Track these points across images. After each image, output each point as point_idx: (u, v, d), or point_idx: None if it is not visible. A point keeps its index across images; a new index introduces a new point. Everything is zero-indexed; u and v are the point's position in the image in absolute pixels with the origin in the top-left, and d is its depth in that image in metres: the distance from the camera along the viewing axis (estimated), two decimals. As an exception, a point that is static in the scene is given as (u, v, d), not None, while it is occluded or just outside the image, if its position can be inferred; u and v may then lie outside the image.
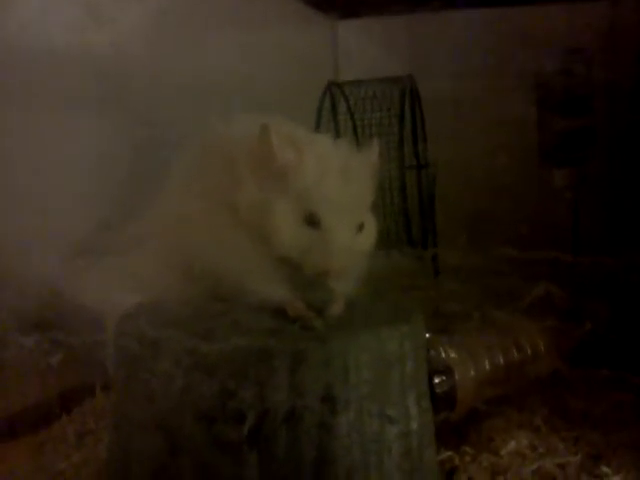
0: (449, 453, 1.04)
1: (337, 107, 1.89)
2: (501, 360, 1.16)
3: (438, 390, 1.08)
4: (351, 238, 0.83)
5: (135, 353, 0.75)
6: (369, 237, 0.89)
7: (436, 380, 1.08)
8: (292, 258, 0.81)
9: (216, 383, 0.71)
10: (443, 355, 1.11)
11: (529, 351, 1.20)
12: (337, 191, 0.82)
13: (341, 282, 0.83)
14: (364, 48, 2.23)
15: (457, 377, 1.10)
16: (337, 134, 1.87)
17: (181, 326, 0.75)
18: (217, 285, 0.82)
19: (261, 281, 0.82)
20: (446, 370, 1.10)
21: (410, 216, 1.74)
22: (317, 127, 1.83)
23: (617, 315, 1.27)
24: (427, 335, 1.11)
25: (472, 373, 1.12)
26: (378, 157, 0.93)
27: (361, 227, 0.86)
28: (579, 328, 1.24)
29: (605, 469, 0.98)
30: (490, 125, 2.04)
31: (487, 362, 1.14)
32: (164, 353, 0.73)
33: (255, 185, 0.82)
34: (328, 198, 0.81)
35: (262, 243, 0.81)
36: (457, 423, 1.10)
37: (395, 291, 1.05)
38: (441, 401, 1.08)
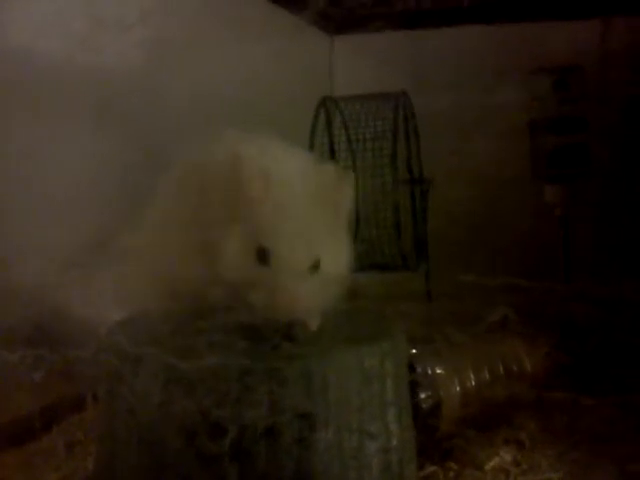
0: (433, 468, 1.05)
1: (332, 121, 1.90)
2: (487, 377, 1.17)
3: (423, 405, 1.09)
4: (301, 278, 0.80)
5: (117, 370, 0.77)
6: (328, 274, 0.85)
7: (422, 395, 1.09)
8: (238, 289, 0.79)
9: (197, 399, 0.72)
10: (429, 371, 1.12)
11: (515, 369, 1.21)
12: (292, 230, 0.81)
13: (300, 312, 0.80)
14: (359, 63, 2.25)
15: (442, 393, 1.11)
16: (331, 148, 1.89)
17: (162, 344, 0.77)
18: (201, 298, 0.83)
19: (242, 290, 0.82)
20: (431, 386, 1.11)
21: (402, 230, 1.76)
22: (311, 141, 1.84)
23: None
24: (413, 351, 1.13)
25: (457, 389, 1.13)
26: (352, 190, 0.89)
27: (317, 265, 0.83)
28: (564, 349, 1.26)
29: (586, 486, 1.00)
30: (483, 141, 2.05)
31: (473, 378, 1.15)
32: (147, 370, 0.75)
33: (218, 207, 0.82)
34: (280, 236, 0.80)
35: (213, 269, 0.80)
36: (442, 438, 1.11)
37: (380, 308, 1.05)
38: (426, 416, 1.09)
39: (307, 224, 0.82)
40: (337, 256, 0.87)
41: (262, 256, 0.79)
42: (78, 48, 1.20)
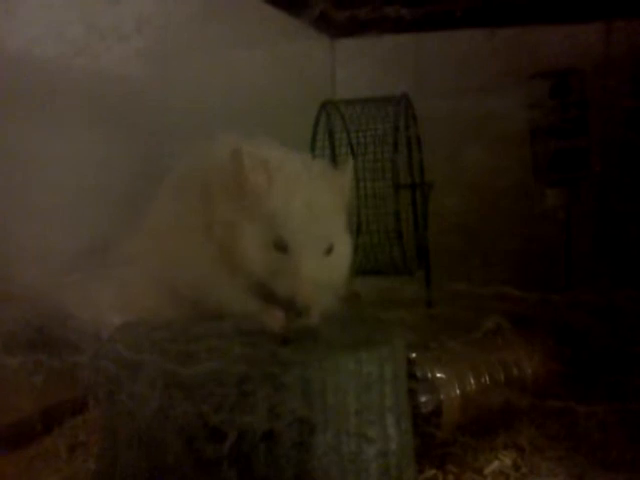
0: (433, 472, 1.06)
1: (333, 125, 1.91)
2: (487, 382, 1.18)
3: (424, 409, 1.10)
4: (319, 262, 0.84)
5: (117, 375, 0.77)
6: (341, 256, 0.90)
7: (422, 399, 1.10)
8: (261, 281, 0.83)
9: (196, 405, 0.73)
10: (429, 375, 1.12)
11: (515, 374, 1.22)
12: (304, 216, 0.84)
13: (314, 301, 0.83)
14: (360, 67, 2.25)
15: (443, 397, 1.12)
16: (332, 152, 1.89)
17: (162, 349, 0.77)
18: (199, 304, 0.84)
19: (236, 297, 0.84)
20: (432, 390, 1.11)
21: (403, 235, 1.75)
22: (312, 144, 1.84)
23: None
24: (413, 355, 1.13)
25: (458, 393, 1.14)
26: (352, 176, 0.94)
27: (331, 248, 0.87)
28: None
29: (586, 489, 1.00)
30: (484, 144, 2.05)
31: (473, 383, 1.16)
32: (147, 375, 0.75)
33: (227, 208, 0.85)
34: (295, 223, 0.83)
35: (233, 264, 0.83)
36: (442, 442, 1.11)
37: (378, 314, 1.06)
38: (426, 420, 1.09)
39: (317, 210, 0.85)
40: (345, 240, 0.92)
41: (280, 245, 0.82)
42: (78, 54, 1.20)
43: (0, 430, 1.11)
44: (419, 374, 1.12)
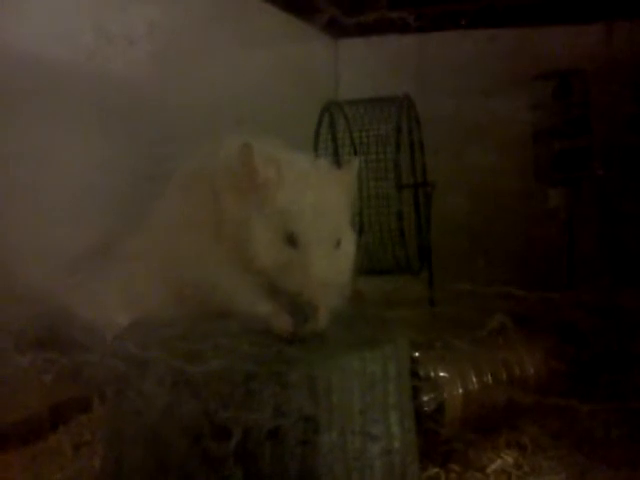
0: (436, 470, 1.06)
1: (336, 125, 1.91)
2: (489, 380, 1.18)
3: (427, 408, 1.10)
4: (329, 257, 0.85)
5: (125, 373, 0.78)
6: (347, 252, 0.91)
7: (425, 398, 1.10)
8: (271, 277, 0.83)
9: (203, 403, 0.74)
10: (432, 374, 1.13)
11: (517, 373, 1.22)
12: (314, 211, 0.85)
13: (322, 298, 0.84)
14: (364, 67, 2.26)
15: (445, 395, 1.12)
16: (335, 152, 1.90)
17: (169, 348, 0.78)
18: (205, 303, 0.85)
19: (245, 297, 0.84)
20: (435, 388, 1.12)
21: (406, 234, 1.76)
22: (316, 144, 1.85)
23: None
24: (416, 354, 1.14)
25: (460, 391, 1.14)
26: (356, 174, 0.95)
27: (339, 243, 0.88)
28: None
29: (588, 488, 1.01)
30: (487, 144, 2.06)
31: (475, 382, 1.16)
32: (154, 373, 0.76)
33: (236, 204, 0.86)
34: (305, 218, 0.84)
35: (244, 260, 0.84)
36: (445, 440, 1.12)
37: (383, 312, 1.06)
38: (429, 419, 1.10)
39: (326, 206, 0.87)
40: (350, 236, 0.93)
41: (292, 240, 0.83)
42: (86, 57, 1.21)
43: (6, 427, 1.12)
44: (422, 373, 1.12)
